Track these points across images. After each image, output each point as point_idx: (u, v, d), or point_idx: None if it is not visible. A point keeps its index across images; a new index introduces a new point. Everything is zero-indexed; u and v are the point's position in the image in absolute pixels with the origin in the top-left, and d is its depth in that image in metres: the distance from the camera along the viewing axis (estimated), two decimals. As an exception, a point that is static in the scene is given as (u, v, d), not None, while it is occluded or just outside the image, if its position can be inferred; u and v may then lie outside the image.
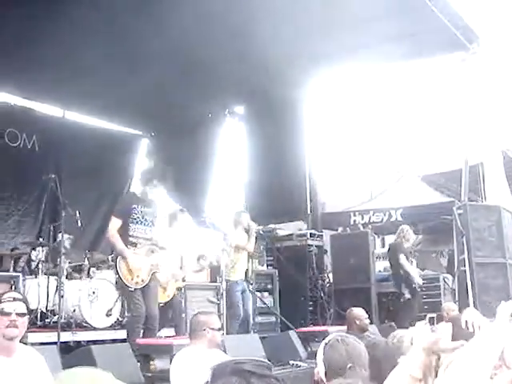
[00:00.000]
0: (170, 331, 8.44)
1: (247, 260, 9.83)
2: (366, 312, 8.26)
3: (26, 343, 5.05)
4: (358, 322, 7.84)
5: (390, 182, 14.73)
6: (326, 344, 2.99)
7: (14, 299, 4.05)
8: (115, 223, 6.72)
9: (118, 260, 6.69)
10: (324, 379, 2.85)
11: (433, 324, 4.44)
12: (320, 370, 2.89)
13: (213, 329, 5.01)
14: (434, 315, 4.54)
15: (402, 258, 10.29)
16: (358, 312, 8.07)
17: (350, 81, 13.52)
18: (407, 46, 11.06)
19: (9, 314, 3.89)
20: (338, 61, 11.70)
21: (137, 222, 6.79)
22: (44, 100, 12.96)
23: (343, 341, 3.00)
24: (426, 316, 4.52)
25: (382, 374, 2.71)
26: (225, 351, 7.01)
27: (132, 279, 6.68)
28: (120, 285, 6.85)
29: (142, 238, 6.80)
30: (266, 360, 1.71)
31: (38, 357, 4.04)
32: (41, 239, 8.29)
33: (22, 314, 3.96)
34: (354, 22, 9.87)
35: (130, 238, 6.74)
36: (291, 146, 12.54)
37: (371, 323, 8.91)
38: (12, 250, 10.81)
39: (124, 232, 6.71)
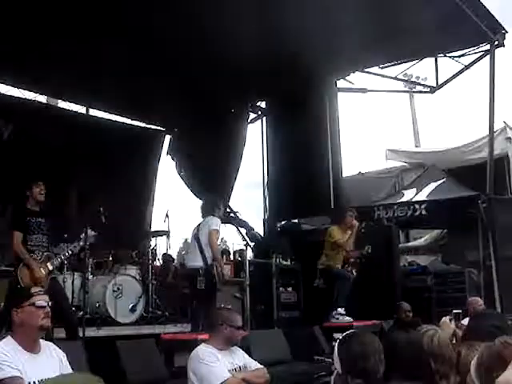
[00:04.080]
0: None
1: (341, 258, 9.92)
2: (393, 307, 8.53)
3: (52, 339, 5.11)
4: (396, 316, 8.69)
5: (414, 176, 14.63)
6: (340, 341, 3.02)
7: (44, 293, 4.21)
8: (17, 236, 6.87)
9: (19, 268, 6.79)
10: (340, 374, 2.86)
11: (458, 319, 4.40)
12: (337, 367, 2.90)
13: (231, 326, 4.93)
14: (460, 311, 4.50)
15: None
16: (401, 305, 8.90)
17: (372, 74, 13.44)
18: (432, 39, 10.96)
19: (44, 307, 4.00)
20: (362, 55, 11.63)
21: (32, 232, 6.98)
22: (68, 97, 13.04)
23: (355, 335, 3.05)
24: (451, 311, 4.48)
25: (403, 368, 2.70)
26: (248, 346, 7.02)
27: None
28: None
29: (39, 246, 7.00)
30: None
31: (60, 352, 4.08)
32: (65, 235, 8.35)
33: (50, 308, 4.09)
34: (376, 17, 9.80)
35: (28, 247, 6.90)
36: (314, 139, 12.48)
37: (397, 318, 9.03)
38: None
39: (23, 243, 6.89)
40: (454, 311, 4.49)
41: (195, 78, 11.70)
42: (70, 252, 7.50)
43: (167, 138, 15.29)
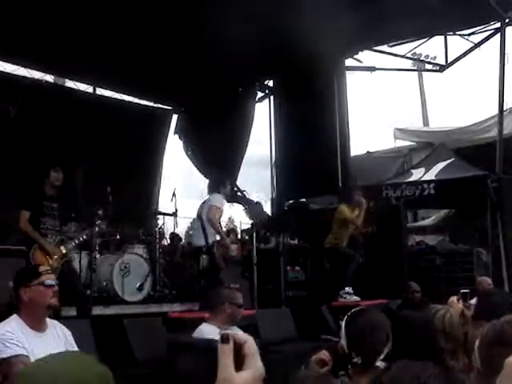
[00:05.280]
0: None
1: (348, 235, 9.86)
2: (400, 287, 8.58)
3: (60, 317, 5.12)
4: (405, 295, 8.89)
5: (422, 156, 14.56)
6: (348, 317, 3.03)
7: (52, 272, 4.25)
8: (24, 215, 6.83)
9: (32, 249, 6.78)
10: (347, 351, 2.85)
11: (466, 299, 4.37)
12: (344, 344, 2.88)
13: (233, 303, 4.92)
14: (467, 290, 4.46)
15: None
16: (410, 285, 9.14)
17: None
18: (441, 17, 10.81)
19: (52, 286, 4.01)
20: (371, 33, 11.50)
21: (45, 216, 6.98)
22: (75, 76, 12.99)
23: (363, 311, 3.09)
24: (459, 291, 4.44)
25: (414, 347, 2.68)
26: (256, 325, 7.03)
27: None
28: None
29: (52, 230, 7.02)
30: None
31: (66, 330, 4.08)
32: (72, 215, 8.35)
33: (59, 287, 4.12)
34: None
35: (41, 230, 6.91)
36: (322, 118, 12.37)
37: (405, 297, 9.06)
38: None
39: (35, 226, 6.87)
40: (462, 291, 4.46)
41: (202, 57, 11.60)
42: (84, 237, 7.50)
43: (174, 117, 15.25)
